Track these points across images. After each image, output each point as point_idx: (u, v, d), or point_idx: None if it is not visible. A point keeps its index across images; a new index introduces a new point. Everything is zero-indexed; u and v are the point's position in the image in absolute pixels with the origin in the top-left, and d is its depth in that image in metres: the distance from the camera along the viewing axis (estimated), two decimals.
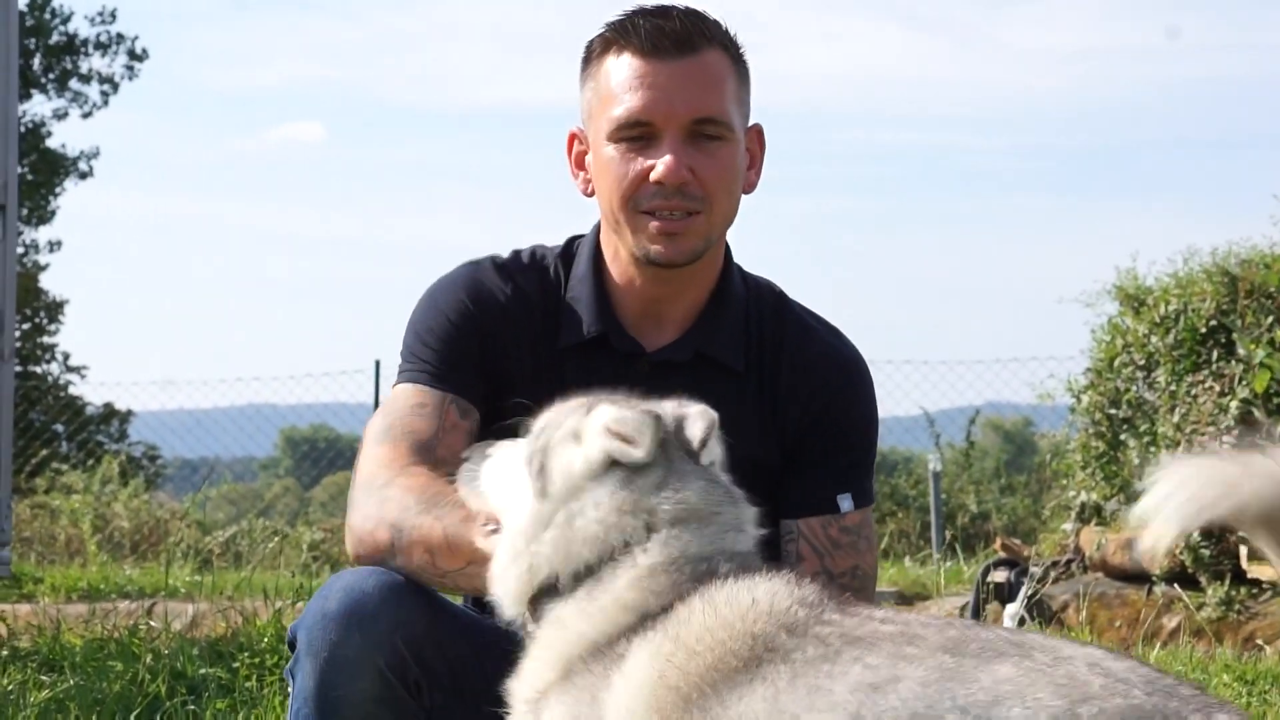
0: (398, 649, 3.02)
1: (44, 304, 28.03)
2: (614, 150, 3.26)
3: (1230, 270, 9.57)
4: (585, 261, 3.40)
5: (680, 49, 3.25)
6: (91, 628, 7.06)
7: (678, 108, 3.23)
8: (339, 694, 3.00)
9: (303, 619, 3.07)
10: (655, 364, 3.31)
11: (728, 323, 3.37)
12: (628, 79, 3.25)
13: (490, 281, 3.38)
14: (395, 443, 3.20)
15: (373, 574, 3.05)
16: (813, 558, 3.30)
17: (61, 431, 22.83)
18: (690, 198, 3.24)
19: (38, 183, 29.12)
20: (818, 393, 3.37)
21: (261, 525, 16.10)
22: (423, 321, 3.36)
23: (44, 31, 29.64)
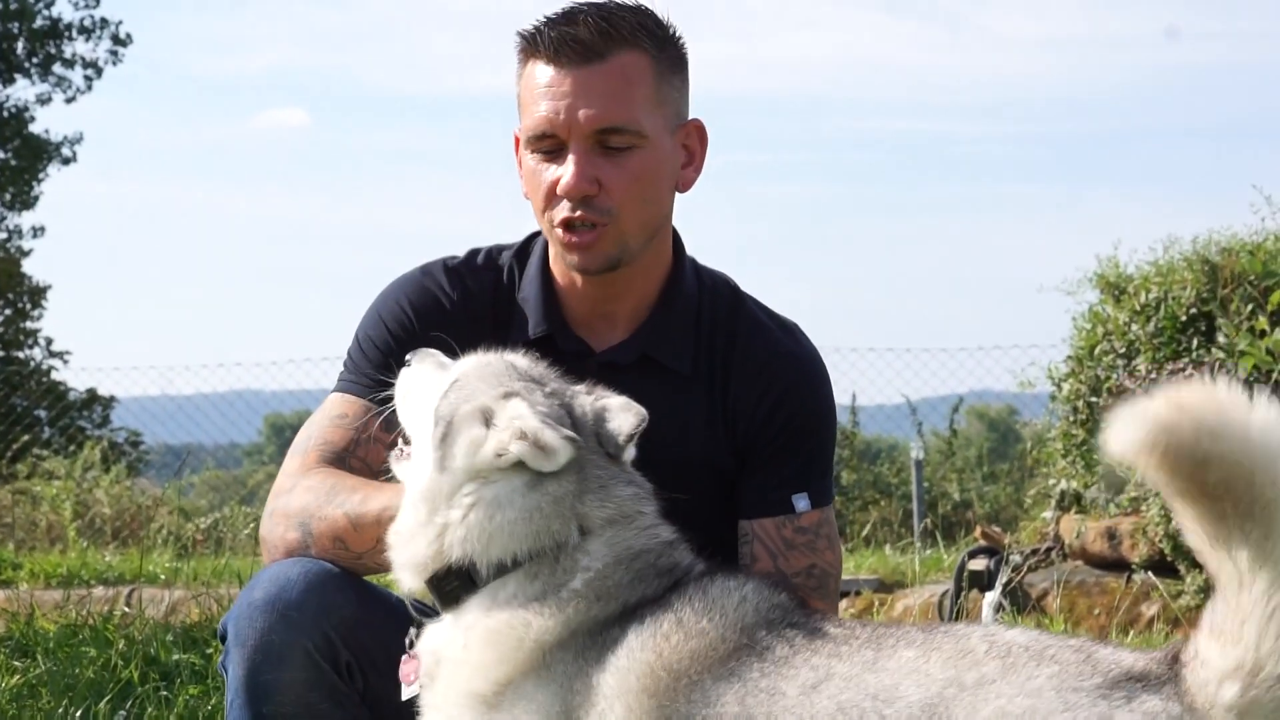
0: (325, 633, 3.03)
1: (27, 289, 27.95)
2: (531, 160, 3.25)
3: (1211, 258, 9.57)
4: (535, 262, 3.38)
5: (586, 57, 3.18)
6: (66, 614, 7.04)
7: (578, 118, 3.17)
8: (268, 679, 3.01)
9: (231, 611, 3.09)
10: (602, 365, 3.29)
11: (676, 323, 3.34)
12: (537, 88, 3.21)
13: (437, 287, 3.36)
14: (306, 454, 3.23)
15: (297, 563, 3.07)
16: (766, 559, 3.28)
17: (43, 417, 22.76)
18: (597, 209, 3.20)
19: (21, 168, 29.03)
20: (768, 392, 3.34)
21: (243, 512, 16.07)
22: (364, 330, 3.36)
23: (28, 15, 29.53)
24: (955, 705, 2.51)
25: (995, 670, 2.54)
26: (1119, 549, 9.36)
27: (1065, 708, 2.46)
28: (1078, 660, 2.53)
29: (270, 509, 3.19)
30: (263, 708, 3.04)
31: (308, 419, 3.35)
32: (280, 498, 3.17)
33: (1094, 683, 2.48)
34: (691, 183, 3.36)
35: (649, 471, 3.15)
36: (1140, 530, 9.23)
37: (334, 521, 3.08)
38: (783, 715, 2.63)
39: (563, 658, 2.78)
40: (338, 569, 3.09)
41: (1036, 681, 2.50)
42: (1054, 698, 2.47)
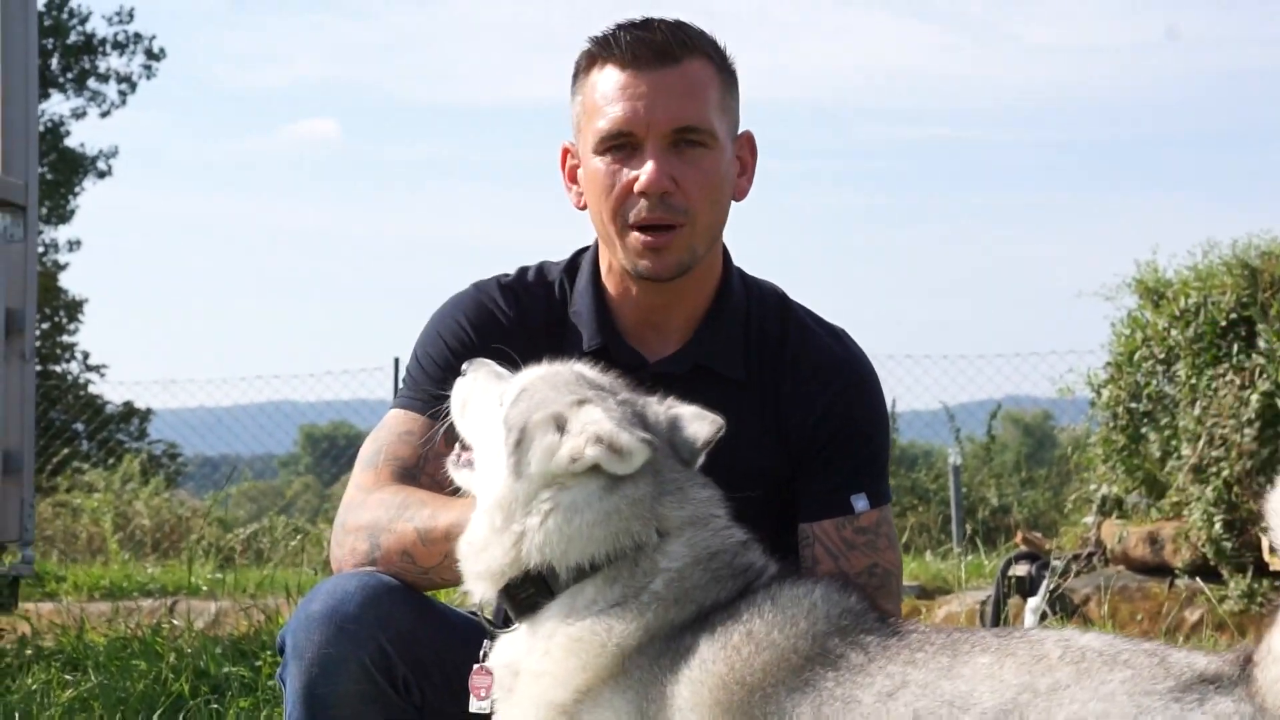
0: (381, 646, 3.05)
1: (63, 303, 28.08)
2: (600, 163, 3.27)
3: (1250, 262, 9.54)
4: (586, 275, 3.41)
5: (661, 59, 3.26)
6: (114, 627, 7.08)
7: (659, 117, 3.24)
8: (325, 693, 3.03)
9: (289, 623, 3.11)
10: (656, 375, 3.32)
11: (727, 332, 3.37)
12: (610, 91, 3.26)
13: (493, 304, 3.39)
14: (378, 468, 3.25)
15: (355, 576, 3.10)
16: (827, 560, 3.30)
17: (81, 430, 22.86)
18: (673, 208, 3.25)
19: (57, 182, 29.19)
20: (821, 396, 3.37)
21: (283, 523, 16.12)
22: (423, 347, 3.39)
23: (62, 31, 29.69)
24: (1030, 711, 2.53)
25: (1069, 675, 2.55)
26: (1161, 554, 9.34)
27: (1139, 712, 2.47)
28: (1151, 664, 2.55)
29: (341, 520, 3.22)
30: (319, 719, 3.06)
31: (372, 432, 3.38)
32: (351, 510, 3.20)
33: (1166, 686, 2.50)
34: (746, 193, 3.43)
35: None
36: (1183, 535, 9.21)
37: (402, 535, 3.10)
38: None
39: (640, 663, 2.79)
40: (395, 582, 3.11)
41: (1109, 686, 2.52)
42: (1127, 702, 2.49)
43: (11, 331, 8.30)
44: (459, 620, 3.24)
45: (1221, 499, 8.99)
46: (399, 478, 3.23)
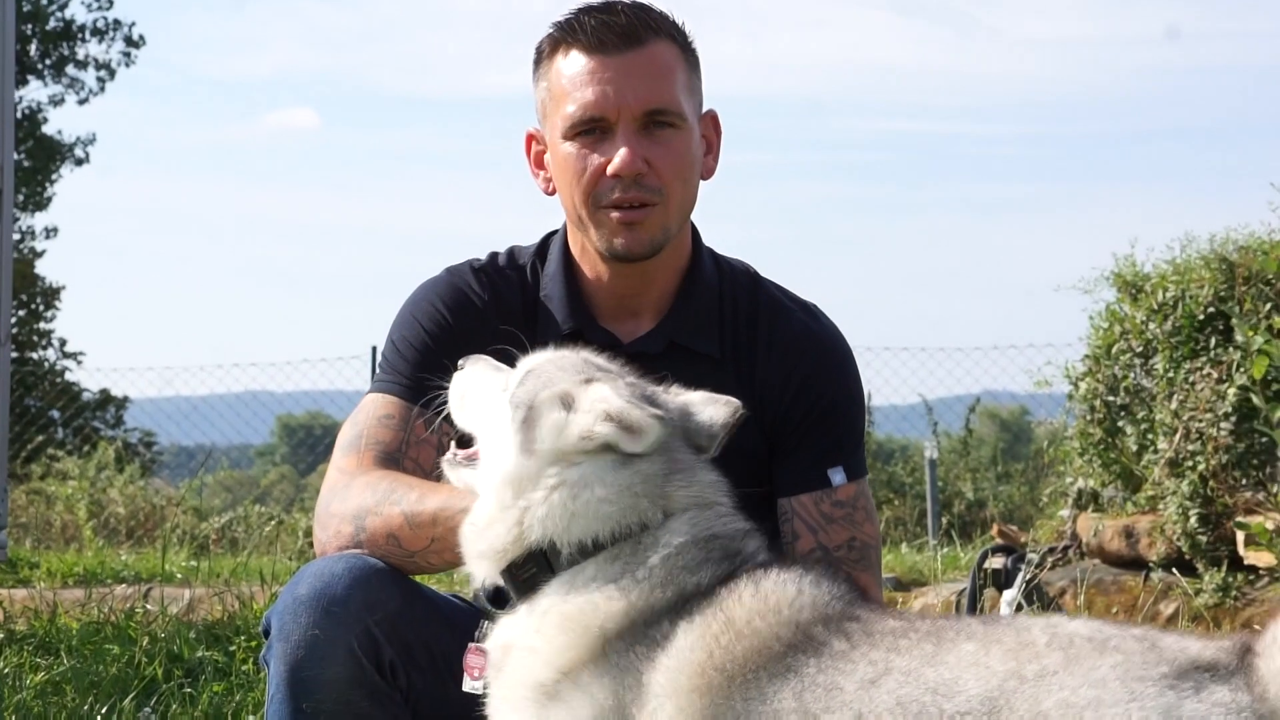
0: (369, 630, 3.02)
1: (40, 290, 27.99)
2: (571, 147, 3.27)
3: (1228, 257, 9.56)
4: (556, 259, 3.41)
5: (627, 42, 3.26)
6: (88, 611, 7.06)
7: (629, 100, 3.25)
8: (310, 675, 3.01)
9: (275, 605, 3.09)
10: (631, 355, 3.31)
11: (700, 309, 3.38)
12: (578, 76, 3.26)
13: (467, 287, 3.39)
14: (361, 453, 3.23)
15: (342, 559, 3.08)
16: (807, 535, 3.31)
17: (57, 417, 22.80)
18: (647, 189, 3.26)
19: (34, 169, 29.08)
20: (795, 371, 3.37)
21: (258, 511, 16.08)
22: (399, 331, 3.38)
23: (41, 17, 29.58)
24: (1017, 698, 2.48)
25: (1057, 662, 2.51)
26: (1136, 547, 9.36)
27: (1131, 698, 2.42)
28: (1142, 650, 2.50)
29: (325, 505, 3.20)
30: (303, 703, 3.04)
31: (350, 416, 3.36)
32: (336, 494, 3.18)
33: (1160, 672, 2.44)
34: (712, 171, 3.44)
35: None
36: (1158, 529, 9.23)
37: (389, 519, 3.08)
38: (841, 711, 2.60)
39: (618, 648, 2.75)
40: (383, 565, 3.09)
41: (1100, 672, 2.47)
42: (1119, 688, 2.44)
43: None
44: (446, 604, 3.23)
45: (1197, 493, 9.00)
46: (381, 462, 3.22)
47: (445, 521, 3.01)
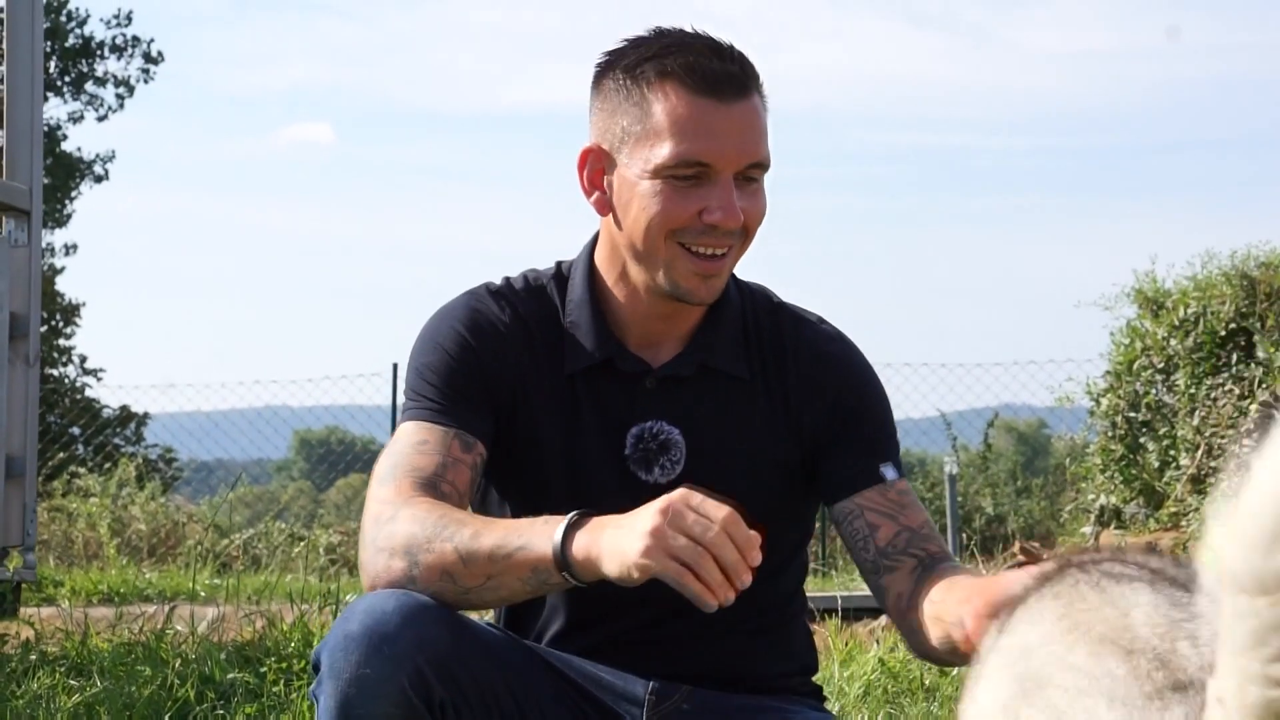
0: (420, 669, 3.02)
1: (60, 307, 28.11)
2: (661, 185, 3.23)
3: (1249, 273, 9.59)
4: (580, 286, 3.39)
5: (739, 92, 3.25)
6: (118, 632, 7.09)
7: (738, 152, 3.23)
8: (361, 714, 3.00)
9: (326, 641, 3.08)
10: (661, 379, 3.33)
11: (727, 331, 3.39)
12: (690, 118, 3.22)
13: (488, 310, 3.38)
14: (399, 481, 3.21)
15: (393, 595, 3.07)
16: (886, 523, 3.32)
17: (78, 434, 22.88)
18: (733, 236, 3.27)
19: (54, 186, 29.22)
20: (828, 382, 3.39)
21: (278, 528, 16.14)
22: (422, 358, 3.37)
23: (60, 34, 29.72)
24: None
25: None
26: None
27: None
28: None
29: (372, 536, 3.18)
30: None
31: (385, 448, 3.37)
32: (383, 526, 3.17)
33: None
34: None
35: (720, 475, 3.20)
36: (1180, 545, 9.25)
37: (443, 555, 3.07)
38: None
39: None
40: (433, 602, 3.09)
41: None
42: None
43: (15, 336, 8.31)
44: (491, 638, 3.23)
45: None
46: (420, 488, 3.21)
47: (503, 560, 3.01)
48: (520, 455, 3.33)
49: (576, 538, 2.96)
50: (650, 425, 3.31)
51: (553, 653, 3.31)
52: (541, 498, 3.32)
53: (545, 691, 3.22)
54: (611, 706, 3.26)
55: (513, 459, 3.33)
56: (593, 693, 3.27)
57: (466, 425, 3.28)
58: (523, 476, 3.34)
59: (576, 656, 3.31)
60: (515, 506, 3.36)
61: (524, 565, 3.02)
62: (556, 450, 3.31)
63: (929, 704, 5.95)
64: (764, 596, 3.37)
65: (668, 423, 3.32)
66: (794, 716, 3.24)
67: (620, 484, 3.29)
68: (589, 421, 3.30)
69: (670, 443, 3.32)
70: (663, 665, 3.26)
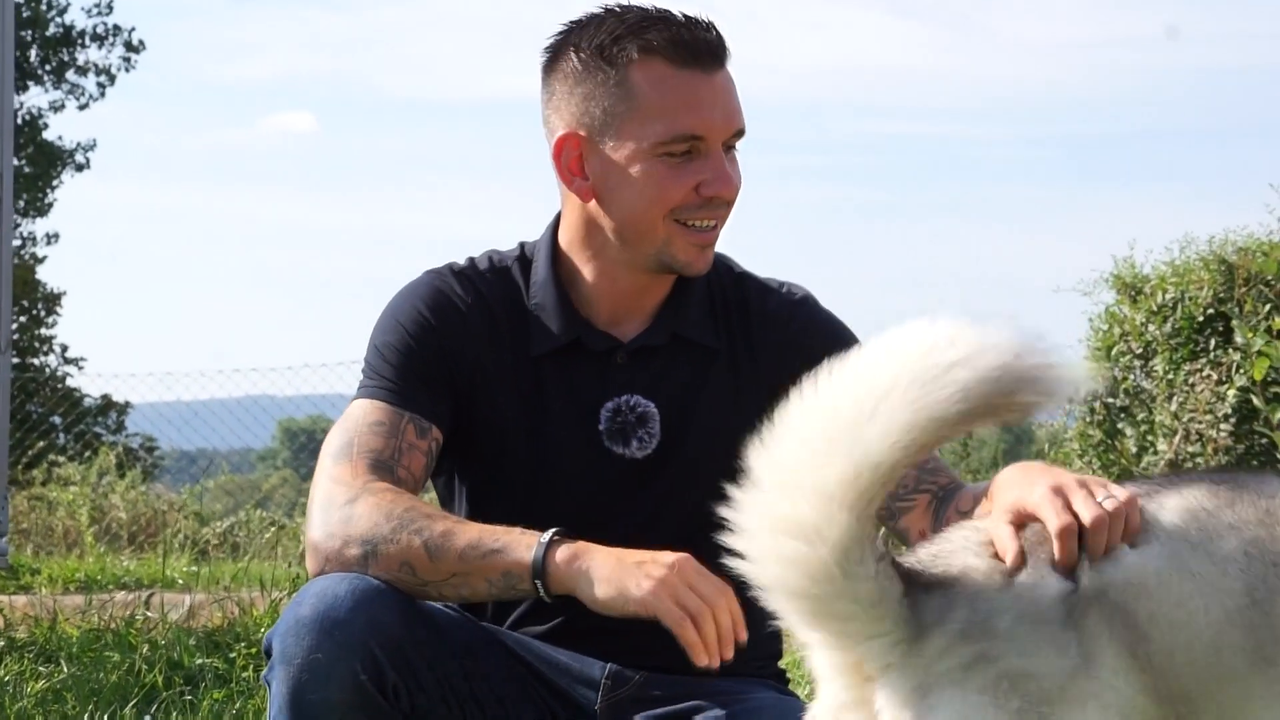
0: (372, 653, 2.99)
1: (41, 296, 28.02)
2: (657, 164, 3.20)
3: (1227, 258, 9.58)
4: (544, 268, 3.35)
5: (718, 60, 3.23)
6: (88, 618, 7.06)
7: (726, 122, 3.22)
8: (313, 698, 2.98)
9: (277, 626, 3.05)
10: (632, 351, 3.31)
11: (696, 302, 3.37)
12: (677, 92, 3.18)
13: (451, 290, 3.34)
14: (354, 460, 3.17)
15: (345, 579, 3.03)
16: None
17: (59, 423, 22.81)
18: (727, 206, 3.26)
19: (35, 175, 29.10)
20: (803, 342, 3.36)
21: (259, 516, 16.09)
22: (382, 336, 3.33)
23: (40, 23, 29.61)
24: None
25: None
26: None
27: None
28: None
29: (325, 518, 3.11)
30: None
31: (337, 423, 3.33)
32: (338, 508, 3.10)
33: None
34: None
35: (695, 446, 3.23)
36: None
37: (407, 547, 3.03)
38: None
39: None
40: (386, 587, 3.06)
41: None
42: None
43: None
44: (448, 623, 3.20)
45: None
46: (375, 470, 3.17)
47: (475, 559, 2.99)
48: (480, 436, 3.30)
49: (559, 552, 2.96)
50: (625, 399, 3.30)
51: (511, 635, 3.29)
52: (504, 479, 3.30)
53: (500, 674, 3.20)
54: (567, 690, 3.23)
55: (473, 440, 3.31)
56: (549, 675, 3.24)
57: (422, 409, 3.25)
58: (484, 458, 3.32)
59: (536, 640, 3.29)
60: (473, 488, 3.34)
61: (496, 568, 3.00)
62: (521, 430, 3.28)
63: None
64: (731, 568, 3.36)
65: (642, 396, 3.30)
66: (749, 697, 3.21)
67: (594, 460, 3.27)
68: (558, 400, 3.28)
69: (646, 415, 3.30)
70: (623, 651, 3.24)
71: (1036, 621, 2.56)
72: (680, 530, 3.19)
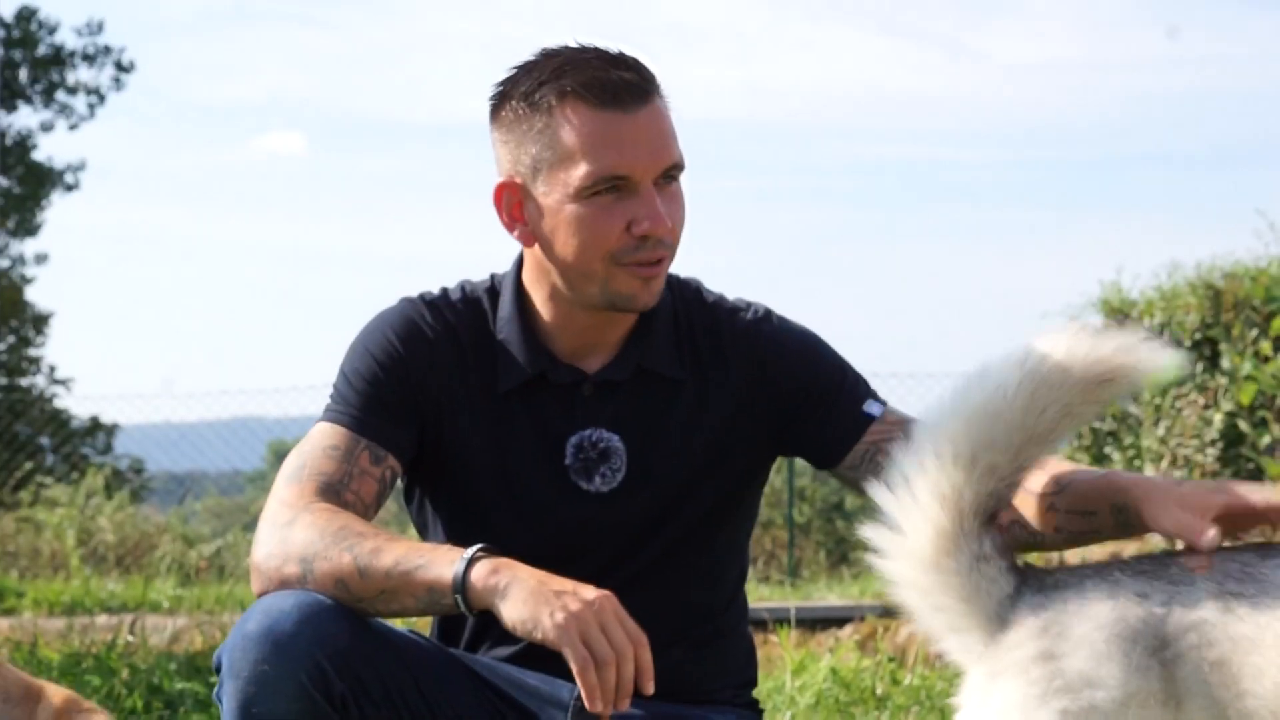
0: (319, 664, 3.01)
1: (30, 316, 28.00)
2: (584, 208, 3.20)
3: (1214, 283, 9.58)
4: (509, 303, 3.36)
5: (640, 98, 3.22)
6: (69, 642, 7.04)
7: (653, 159, 3.20)
8: (261, 711, 2.99)
9: (226, 642, 3.07)
10: (598, 384, 3.30)
11: (660, 333, 3.37)
12: (597, 134, 3.18)
13: (422, 320, 3.35)
14: (303, 483, 3.19)
15: (291, 594, 3.06)
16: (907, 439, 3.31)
17: (47, 444, 22.79)
18: (665, 245, 3.23)
19: (24, 195, 29.10)
20: (773, 363, 3.36)
21: (247, 539, 16.07)
22: (350, 362, 3.35)
23: (31, 43, 29.62)
24: None
25: None
26: None
27: None
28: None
29: (266, 538, 3.16)
30: None
31: (296, 446, 3.35)
32: (279, 529, 3.14)
33: None
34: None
35: (661, 478, 3.24)
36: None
37: (339, 564, 3.06)
38: None
39: None
40: (332, 601, 3.08)
41: None
42: None
43: None
44: (401, 639, 3.21)
45: None
46: (323, 493, 3.19)
47: (399, 576, 3.00)
48: (450, 466, 3.31)
49: (477, 568, 2.96)
50: (589, 434, 3.29)
51: (476, 658, 3.29)
52: (474, 512, 3.30)
53: (461, 693, 3.20)
54: (536, 711, 3.22)
55: (443, 470, 3.31)
56: (516, 698, 3.24)
57: (381, 438, 3.26)
58: (454, 490, 3.33)
59: (505, 663, 3.28)
60: (448, 520, 3.34)
61: (420, 584, 3.01)
62: (488, 465, 3.29)
63: (880, 713, 5.92)
64: (701, 599, 3.35)
65: (606, 429, 3.30)
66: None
67: (561, 495, 3.27)
68: (525, 435, 3.28)
69: (610, 450, 3.29)
70: None
71: (1119, 637, 2.58)
72: (650, 563, 3.21)
